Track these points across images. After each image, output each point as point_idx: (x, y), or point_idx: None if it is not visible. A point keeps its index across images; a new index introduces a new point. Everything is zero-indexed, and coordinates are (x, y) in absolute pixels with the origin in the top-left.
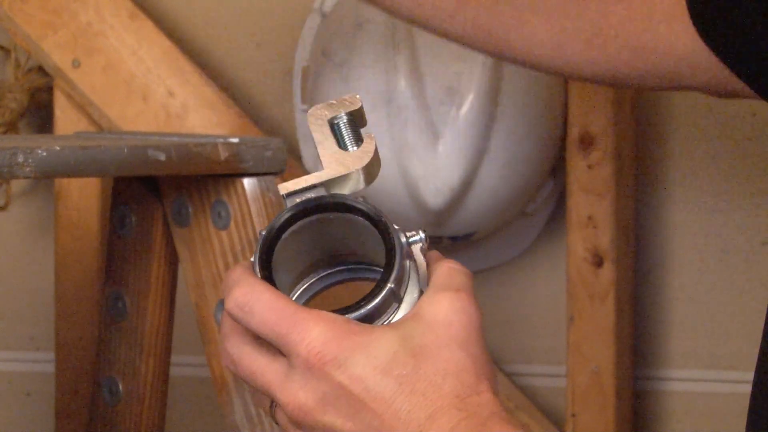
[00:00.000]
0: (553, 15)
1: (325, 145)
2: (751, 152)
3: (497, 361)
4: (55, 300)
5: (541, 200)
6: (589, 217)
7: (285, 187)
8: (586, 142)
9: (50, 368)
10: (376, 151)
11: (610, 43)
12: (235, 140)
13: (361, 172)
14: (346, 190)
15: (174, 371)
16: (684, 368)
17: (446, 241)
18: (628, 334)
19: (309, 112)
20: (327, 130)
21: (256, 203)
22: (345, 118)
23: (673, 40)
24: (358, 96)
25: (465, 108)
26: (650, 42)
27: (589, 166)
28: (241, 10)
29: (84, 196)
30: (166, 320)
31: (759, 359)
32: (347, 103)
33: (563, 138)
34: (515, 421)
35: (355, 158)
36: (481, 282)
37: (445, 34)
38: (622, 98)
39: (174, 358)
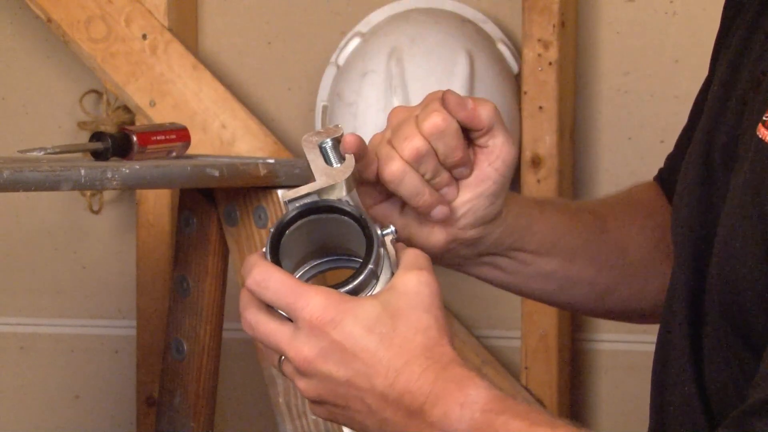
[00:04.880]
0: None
1: (316, 163)
2: None
3: (469, 326)
4: (136, 281)
5: None
6: None
7: (286, 195)
8: (536, 162)
9: (132, 332)
10: (354, 167)
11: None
12: (271, 161)
13: (343, 183)
14: (332, 196)
15: (226, 334)
16: (610, 332)
17: None
18: None
19: (303, 138)
20: (317, 151)
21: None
22: (330, 143)
23: None
24: (340, 125)
25: None
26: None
27: (538, 181)
28: (277, 64)
29: (158, 203)
30: (220, 296)
31: (660, 326)
32: (332, 131)
33: (518, 159)
34: (469, 365)
35: (339, 172)
36: None
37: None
38: (563, 129)
39: (225, 325)
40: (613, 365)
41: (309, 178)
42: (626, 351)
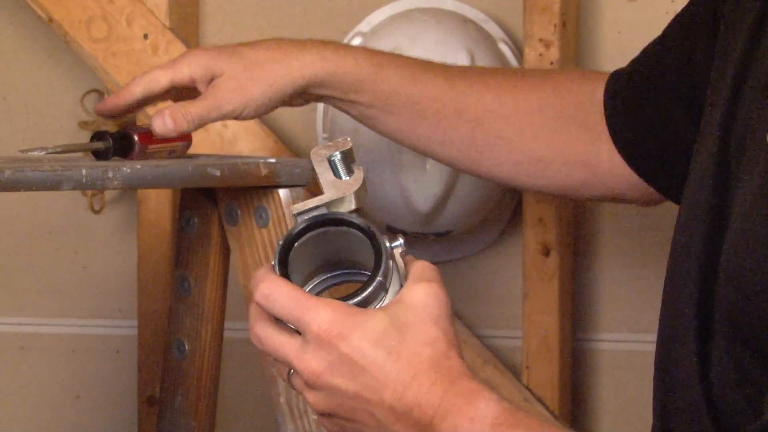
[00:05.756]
0: (516, 147)
1: (325, 176)
2: None
3: (471, 326)
4: (137, 281)
5: (503, 205)
6: (540, 219)
7: (295, 208)
8: None
9: (134, 332)
10: (364, 179)
11: (557, 163)
12: (272, 160)
13: (352, 196)
14: (341, 209)
15: (227, 334)
16: (611, 332)
17: (431, 237)
18: (569, 306)
19: (312, 151)
20: (326, 164)
21: (288, 208)
22: (339, 156)
23: (602, 158)
24: (348, 139)
25: None
26: (585, 159)
27: None
28: None
29: (159, 203)
30: (221, 296)
31: (660, 329)
32: (340, 144)
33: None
34: (478, 378)
35: (348, 185)
36: (458, 267)
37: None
38: None
39: (227, 324)
40: (614, 365)
41: (309, 178)
42: (627, 351)
